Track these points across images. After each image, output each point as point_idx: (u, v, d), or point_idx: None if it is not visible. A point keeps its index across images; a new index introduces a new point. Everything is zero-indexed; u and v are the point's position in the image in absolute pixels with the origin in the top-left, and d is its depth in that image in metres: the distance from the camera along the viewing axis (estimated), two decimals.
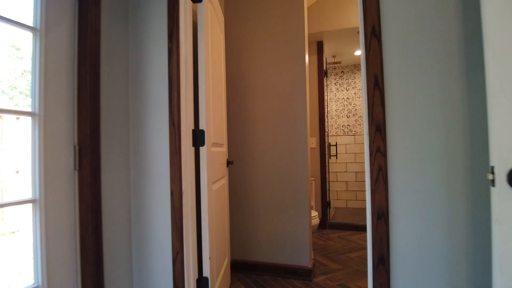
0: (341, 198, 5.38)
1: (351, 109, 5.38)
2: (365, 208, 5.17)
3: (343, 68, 5.43)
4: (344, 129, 5.39)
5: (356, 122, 5.35)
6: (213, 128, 1.87)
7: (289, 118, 2.66)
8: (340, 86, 5.43)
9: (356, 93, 5.37)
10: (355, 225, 4.03)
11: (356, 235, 3.83)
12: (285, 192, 2.65)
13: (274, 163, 2.69)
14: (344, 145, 5.37)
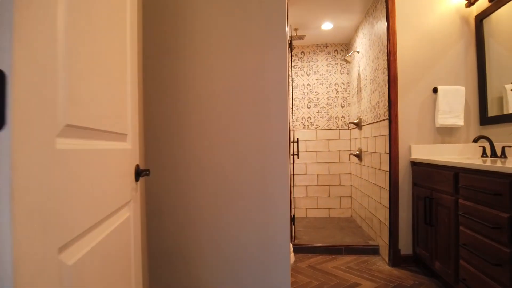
0: (300, 206, 4.41)
1: (312, 98, 4.43)
2: (330, 219, 4.44)
3: (303, 48, 4.45)
4: (304, 122, 4.42)
5: (318, 114, 4.41)
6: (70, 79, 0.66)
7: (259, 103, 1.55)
8: (300, 70, 4.45)
9: (318, 79, 4.43)
10: (328, 247, 3.04)
11: (330, 261, 2.85)
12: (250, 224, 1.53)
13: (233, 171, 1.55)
14: (304, 141, 4.40)
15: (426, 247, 2.42)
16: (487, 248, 1.67)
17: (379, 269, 2.66)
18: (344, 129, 4.39)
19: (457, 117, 2.59)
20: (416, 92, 2.70)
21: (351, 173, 4.34)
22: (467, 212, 1.86)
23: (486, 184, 1.68)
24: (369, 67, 3.31)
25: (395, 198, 2.69)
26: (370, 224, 3.35)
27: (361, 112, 3.73)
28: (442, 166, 2.18)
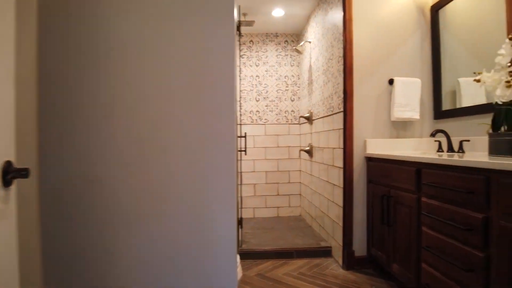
0: (248, 206, 4.12)
1: (261, 90, 4.16)
2: (279, 218, 4.19)
3: (252, 37, 4.16)
4: (252, 116, 4.14)
5: (268, 108, 4.16)
6: None
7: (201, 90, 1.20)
8: (248, 60, 4.15)
9: (268, 71, 4.17)
10: (278, 252, 2.79)
11: (281, 267, 2.60)
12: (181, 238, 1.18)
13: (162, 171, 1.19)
14: (252, 136, 4.12)
15: (382, 248, 2.26)
16: (456, 252, 1.51)
17: (333, 274, 2.46)
18: (294, 124, 4.19)
19: (413, 110, 2.47)
20: (372, 83, 2.54)
21: (301, 170, 4.15)
22: (431, 211, 1.69)
23: (456, 181, 1.51)
24: (322, 57, 3.12)
25: (350, 196, 2.51)
26: (322, 224, 3.17)
27: (312, 106, 3.54)
28: (402, 161, 2.02)
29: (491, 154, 1.62)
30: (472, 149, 2.14)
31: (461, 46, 2.31)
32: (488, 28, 2.07)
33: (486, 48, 2.08)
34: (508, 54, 1.57)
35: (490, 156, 1.62)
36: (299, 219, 4.00)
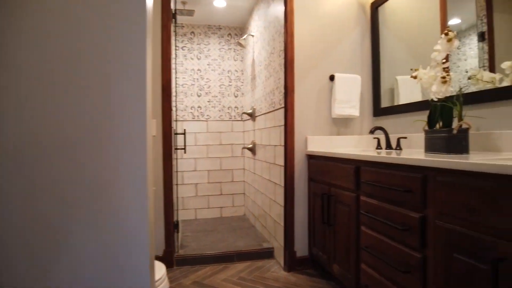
0: (189, 207, 3.90)
1: (203, 85, 3.95)
2: (222, 219, 4.00)
3: (193, 28, 3.93)
4: (193, 112, 3.91)
5: (210, 104, 3.96)
6: None
7: (98, 84, 0.98)
8: (189, 53, 3.92)
9: (210, 64, 3.97)
10: (217, 256, 2.62)
11: (221, 272, 2.43)
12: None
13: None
14: (193, 134, 3.90)
15: (323, 248, 2.19)
16: (394, 252, 1.46)
17: (275, 276, 2.35)
18: (237, 120, 4.04)
19: (353, 107, 2.44)
20: (313, 79, 2.46)
21: (245, 168, 4.02)
22: (370, 210, 1.64)
23: (394, 180, 1.46)
24: (264, 51, 3.00)
25: (291, 195, 2.41)
26: (264, 224, 3.06)
27: (255, 102, 3.42)
28: (341, 159, 1.96)
29: (427, 151, 1.60)
30: (409, 146, 2.15)
31: (399, 44, 2.31)
32: (425, 26, 2.08)
33: (422, 46, 2.09)
34: (443, 50, 1.56)
35: (426, 153, 1.59)
36: (243, 219, 3.87)
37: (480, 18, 1.69)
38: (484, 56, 1.68)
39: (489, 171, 1.00)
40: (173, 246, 2.51)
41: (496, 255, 0.98)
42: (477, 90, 1.68)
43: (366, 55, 2.56)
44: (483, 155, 1.41)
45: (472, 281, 1.07)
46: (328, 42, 2.48)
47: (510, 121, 1.52)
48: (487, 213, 1.01)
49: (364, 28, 2.56)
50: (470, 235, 1.07)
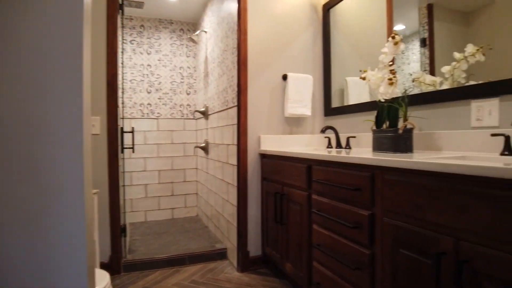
0: (138, 209, 3.72)
1: (153, 81, 3.79)
2: (174, 220, 3.85)
3: (143, 21, 3.75)
4: (143, 109, 3.74)
5: (161, 101, 3.81)
6: None
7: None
8: (139, 47, 3.73)
9: (161, 60, 3.81)
10: (168, 260, 2.52)
11: (172, 276, 2.34)
12: None
13: None
14: (143, 132, 3.73)
15: (276, 247, 2.19)
16: (346, 250, 1.48)
17: (228, 278, 2.31)
18: (189, 118, 3.93)
19: (305, 107, 2.47)
20: (267, 77, 2.45)
21: (197, 168, 3.93)
22: (321, 209, 1.66)
23: (344, 178, 1.49)
24: (218, 48, 2.94)
25: (244, 195, 2.39)
26: (217, 224, 3.01)
27: (208, 100, 3.34)
28: (294, 158, 1.96)
29: (375, 150, 1.65)
30: (358, 145, 2.22)
31: (349, 46, 2.38)
32: (373, 30, 2.15)
33: (371, 49, 2.16)
34: (390, 53, 1.61)
35: (374, 152, 1.64)
36: (196, 219, 3.78)
37: (422, 25, 1.78)
38: (425, 60, 1.77)
39: (431, 170, 1.04)
40: (120, 251, 2.37)
41: (438, 249, 1.03)
42: (420, 92, 1.77)
43: (318, 56, 2.61)
44: (426, 154, 1.48)
45: (417, 275, 1.11)
46: (281, 42, 2.49)
47: (449, 122, 1.61)
48: (430, 210, 1.05)
49: (316, 29, 2.60)
50: (415, 231, 1.11)
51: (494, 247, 0.88)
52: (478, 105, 1.47)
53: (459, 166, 0.95)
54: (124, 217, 2.59)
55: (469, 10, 1.55)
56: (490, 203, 0.88)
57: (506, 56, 1.38)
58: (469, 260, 0.94)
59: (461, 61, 1.56)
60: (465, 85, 1.53)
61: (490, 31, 1.44)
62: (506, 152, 1.27)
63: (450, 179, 1.00)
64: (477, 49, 1.48)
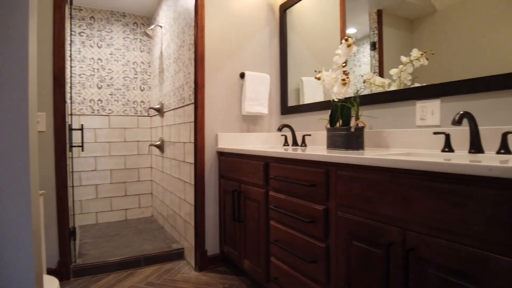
0: (89, 211, 3.54)
1: (104, 76, 3.61)
2: (127, 222, 3.69)
3: (94, 13, 3.55)
4: (93, 105, 3.55)
5: (113, 97, 3.64)
6: None
7: None
8: (88, 40, 3.53)
9: (113, 54, 3.65)
10: (121, 262, 2.43)
11: (126, 280, 2.26)
12: None
13: None
14: (93, 130, 3.55)
15: (234, 245, 2.20)
16: (302, 244, 1.53)
17: (185, 278, 2.28)
18: (143, 116, 3.80)
19: (262, 105, 2.50)
20: (224, 75, 2.45)
21: (152, 167, 3.81)
22: (279, 205, 1.69)
23: (300, 175, 1.53)
24: (174, 44, 2.87)
25: (201, 193, 2.36)
26: (174, 224, 2.95)
27: (163, 97, 3.26)
28: (251, 156, 1.98)
29: (329, 148, 1.71)
30: (313, 142, 2.29)
31: (304, 46, 2.45)
32: (327, 32, 2.23)
33: (325, 50, 2.24)
34: (344, 54, 1.68)
35: (328, 149, 1.71)
36: (151, 220, 3.67)
37: (372, 29, 1.89)
38: (375, 63, 1.87)
39: (380, 165, 1.10)
40: (69, 256, 2.23)
41: (387, 240, 1.09)
42: (370, 93, 1.87)
43: (275, 55, 2.65)
44: (376, 151, 1.57)
45: (369, 264, 1.18)
46: (239, 40, 2.49)
47: (397, 121, 1.72)
48: (379, 203, 1.12)
49: (273, 29, 2.64)
50: (366, 224, 1.18)
51: (436, 236, 0.96)
52: (422, 105, 1.58)
53: (405, 161, 1.02)
54: (73, 220, 2.45)
55: (414, 17, 1.66)
56: (432, 196, 0.96)
57: (446, 61, 1.50)
58: (414, 248, 1.01)
59: (407, 65, 1.67)
60: (411, 87, 1.65)
61: (432, 37, 1.56)
62: (447, 149, 1.39)
63: (397, 174, 1.07)
64: (421, 54, 1.60)
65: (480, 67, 1.36)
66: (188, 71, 2.48)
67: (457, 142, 1.41)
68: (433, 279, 0.97)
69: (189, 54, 2.46)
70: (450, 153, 1.35)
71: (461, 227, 0.89)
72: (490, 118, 1.33)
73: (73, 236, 2.34)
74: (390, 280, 1.09)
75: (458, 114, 1.23)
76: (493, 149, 1.29)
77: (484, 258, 0.84)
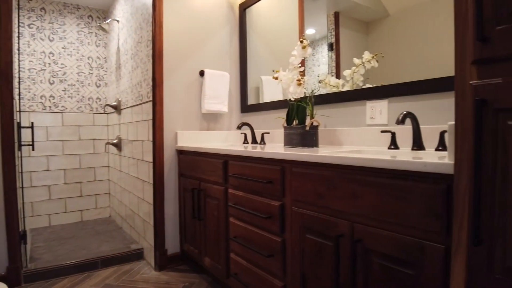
0: (41, 213, 3.36)
1: (57, 71, 3.44)
2: (84, 223, 3.53)
3: (44, 4, 3.36)
4: (44, 102, 3.37)
5: (66, 93, 3.48)
6: None
7: None
8: (39, 32, 3.34)
9: (66, 48, 3.48)
10: (77, 265, 2.34)
11: (82, 283, 2.19)
12: None
13: None
14: (45, 127, 3.37)
15: (195, 243, 2.21)
16: (260, 240, 1.57)
17: (145, 278, 2.25)
18: (99, 113, 3.67)
19: (222, 103, 2.51)
20: (183, 73, 2.43)
21: (109, 166, 3.69)
22: (238, 202, 1.72)
23: (258, 172, 1.57)
24: (131, 39, 2.80)
25: (160, 193, 2.34)
26: (132, 224, 2.89)
27: (120, 93, 3.17)
28: (211, 154, 2.00)
29: (286, 145, 1.77)
30: (272, 140, 2.34)
31: (264, 46, 2.49)
32: (286, 32, 2.29)
33: (284, 50, 2.30)
34: (299, 56, 1.74)
35: (285, 147, 1.77)
36: (108, 221, 3.56)
37: (330, 31, 1.96)
38: (332, 63, 1.95)
39: (330, 162, 1.17)
40: (19, 261, 2.12)
41: (337, 232, 1.16)
42: (325, 93, 1.95)
43: (235, 54, 2.67)
44: (329, 148, 1.65)
45: (321, 256, 1.24)
46: (199, 37, 2.49)
47: (349, 120, 1.81)
48: (330, 198, 1.19)
49: (233, 28, 2.65)
50: (319, 218, 1.24)
51: (380, 227, 1.04)
52: (371, 105, 1.68)
53: (352, 158, 1.09)
54: (24, 223, 2.33)
55: (369, 20, 1.75)
56: (377, 190, 1.03)
57: (395, 63, 1.61)
58: (361, 239, 1.09)
59: (359, 66, 1.76)
60: (362, 88, 1.74)
61: (385, 40, 1.66)
62: (392, 146, 1.49)
63: (345, 170, 1.14)
64: (372, 56, 1.70)
65: (424, 71, 1.48)
66: (146, 68, 2.44)
67: (402, 140, 1.52)
68: (377, 267, 1.04)
69: (147, 50, 2.41)
70: (395, 150, 1.45)
71: (402, 218, 0.97)
72: (430, 118, 1.44)
73: (23, 240, 2.22)
74: (341, 269, 1.16)
75: (401, 114, 1.32)
76: (433, 146, 1.41)
77: (420, 246, 0.93)
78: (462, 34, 0.79)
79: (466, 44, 0.78)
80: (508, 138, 0.70)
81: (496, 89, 0.71)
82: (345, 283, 1.14)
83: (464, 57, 0.78)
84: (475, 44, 0.75)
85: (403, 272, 0.98)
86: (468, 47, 0.77)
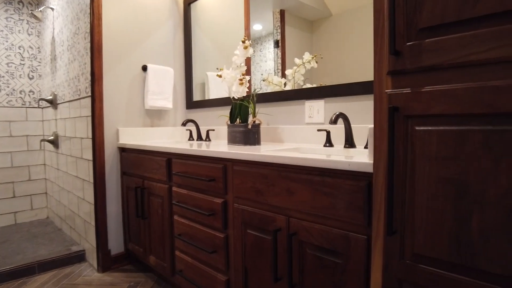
0: None
1: None
2: (18, 226, 3.25)
3: None
4: None
5: None
6: None
7: None
8: None
9: None
10: (11, 272, 2.19)
11: None
12: None
13: None
14: None
15: (139, 242, 2.17)
16: (204, 236, 1.60)
17: (87, 280, 2.17)
18: (33, 107, 3.41)
19: (166, 99, 2.48)
20: (125, 67, 2.35)
21: (45, 164, 3.46)
22: (181, 200, 1.73)
23: (201, 170, 1.59)
24: (67, 30, 2.63)
25: (102, 192, 2.26)
26: (73, 225, 2.75)
27: (56, 87, 2.97)
28: (154, 152, 1.97)
29: (229, 143, 1.81)
30: (217, 137, 2.37)
31: (210, 42, 2.48)
32: (232, 29, 2.30)
33: (230, 47, 2.31)
34: (241, 55, 1.78)
35: (228, 144, 1.80)
36: (46, 222, 3.35)
37: (276, 28, 2.01)
38: (278, 60, 2.00)
39: (267, 161, 1.23)
40: None
41: (275, 227, 1.23)
42: (268, 92, 2.01)
43: (179, 49, 2.63)
44: (271, 145, 1.71)
45: (261, 250, 1.30)
46: (141, 31, 2.41)
47: (290, 118, 1.89)
48: (268, 194, 1.25)
49: (177, 22, 2.61)
50: (258, 213, 1.30)
51: (312, 221, 1.12)
52: (310, 105, 1.77)
53: (286, 158, 1.16)
54: None
55: (314, 19, 1.81)
56: (309, 187, 1.11)
57: (333, 64, 1.70)
58: (296, 233, 1.16)
59: (300, 66, 1.84)
60: (302, 87, 1.82)
61: (326, 40, 1.73)
62: (327, 144, 1.59)
63: (282, 168, 1.20)
64: (312, 57, 1.78)
65: (359, 73, 1.58)
66: (84, 61, 2.32)
67: (337, 137, 1.63)
68: (310, 258, 1.13)
69: (84, 43, 2.29)
70: (329, 148, 1.55)
71: (330, 212, 1.06)
72: (362, 117, 1.56)
73: None
74: (279, 261, 1.23)
75: (334, 114, 1.42)
76: (364, 144, 1.53)
77: (346, 237, 1.02)
78: (380, 46, 0.88)
79: (383, 56, 0.86)
80: (415, 142, 0.80)
81: (406, 98, 0.80)
82: (283, 273, 1.21)
83: (381, 67, 0.87)
84: (389, 57, 0.84)
85: (333, 261, 1.07)
86: (384, 59, 0.86)
